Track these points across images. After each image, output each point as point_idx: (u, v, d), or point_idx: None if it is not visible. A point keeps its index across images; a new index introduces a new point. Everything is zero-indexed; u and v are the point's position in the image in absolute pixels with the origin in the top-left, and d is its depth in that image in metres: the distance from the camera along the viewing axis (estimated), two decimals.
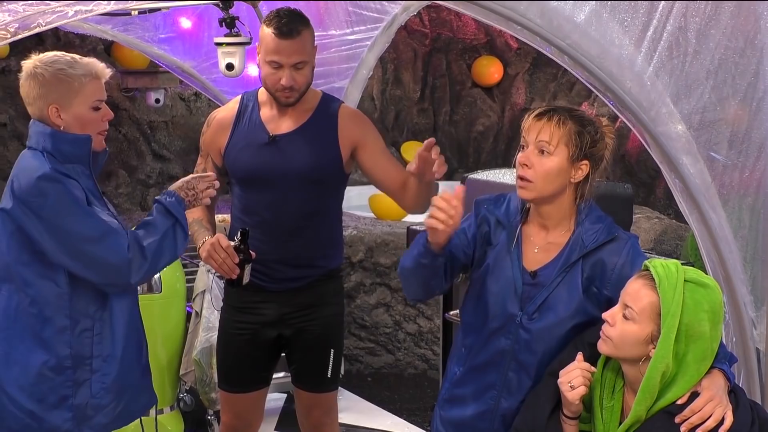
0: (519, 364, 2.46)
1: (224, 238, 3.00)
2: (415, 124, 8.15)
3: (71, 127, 2.68)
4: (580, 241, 2.41)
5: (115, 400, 2.79)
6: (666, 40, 2.23)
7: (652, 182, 7.57)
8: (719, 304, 2.13)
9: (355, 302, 5.84)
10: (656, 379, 2.10)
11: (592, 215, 2.43)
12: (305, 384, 3.38)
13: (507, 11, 2.13)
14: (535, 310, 2.42)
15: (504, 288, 2.46)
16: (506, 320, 2.45)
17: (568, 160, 2.37)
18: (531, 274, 2.44)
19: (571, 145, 2.36)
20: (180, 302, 4.73)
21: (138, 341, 2.87)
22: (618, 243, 2.40)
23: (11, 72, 6.47)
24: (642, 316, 2.12)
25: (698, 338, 2.10)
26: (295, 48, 3.04)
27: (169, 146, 7.13)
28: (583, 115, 2.41)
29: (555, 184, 2.38)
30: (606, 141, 2.42)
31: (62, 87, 2.65)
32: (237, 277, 3.02)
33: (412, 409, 5.28)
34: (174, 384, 4.73)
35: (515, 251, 2.47)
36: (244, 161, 3.19)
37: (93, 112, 2.71)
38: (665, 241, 6.25)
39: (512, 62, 8.19)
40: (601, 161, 2.42)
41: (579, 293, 2.39)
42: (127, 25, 4.61)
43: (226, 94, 4.86)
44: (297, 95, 3.13)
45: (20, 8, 1.84)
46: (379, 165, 3.21)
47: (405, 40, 8.04)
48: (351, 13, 4.46)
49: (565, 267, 2.41)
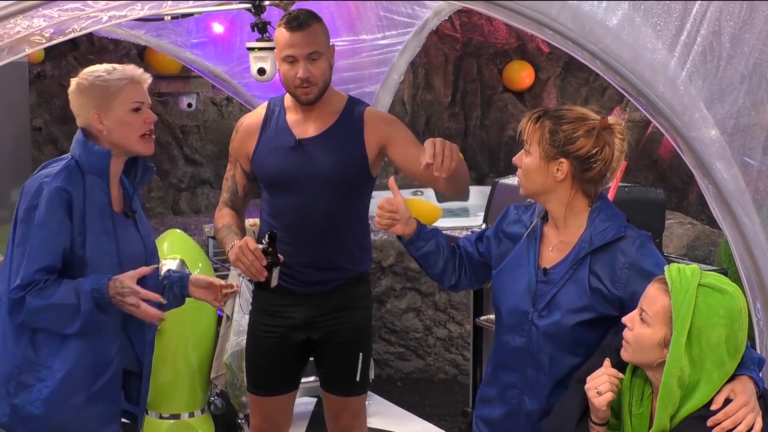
0: (535, 362, 2.49)
1: (252, 241, 3.00)
2: (446, 128, 8.14)
3: (113, 132, 2.71)
4: (589, 239, 2.45)
5: (47, 416, 2.69)
6: (700, 45, 2.21)
7: (684, 187, 7.51)
8: (738, 310, 2.11)
9: (385, 307, 5.85)
10: (672, 384, 2.09)
11: (603, 214, 2.47)
12: (334, 388, 3.38)
13: (539, 15, 2.13)
14: (544, 307, 2.47)
15: (519, 286, 2.53)
16: (520, 318, 2.51)
17: (542, 159, 2.44)
18: (543, 272, 2.50)
19: (543, 143, 2.43)
20: (211, 306, 4.75)
21: (93, 366, 2.73)
22: (626, 241, 2.42)
23: (46, 77, 6.54)
24: (656, 319, 2.13)
25: (714, 343, 2.08)
26: (307, 39, 3.07)
27: (200, 150, 7.17)
28: (564, 115, 2.44)
29: (536, 181, 2.46)
30: (603, 139, 2.41)
31: (100, 92, 2.70)
32: (265, 280, 3.03)
33: (442, 415, 5.27)
34: (205, 387, 4.75)
35: (532, 250, 2.53)
36: (270, 165, 3.21)
37: (133, 114, 2.73)
38: (698, 247, 6.20)
39: (544, 67, 8.17)
40: (591, 160, 2.42)
41: (585, 290, 2.42)
42: (160, 30, 4.65)
43: (257, 98, 4.89)
44: (316, 91, 3.13)
45: (55, 14, 1.86)
46: (412, 156, 3.15)
47: (436, 44, 8.04)
48: (382, 17, 4.47)
49: (573, 264, 2.45)
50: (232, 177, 3.34)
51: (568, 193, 2.47)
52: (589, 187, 2.47)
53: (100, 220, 2.69)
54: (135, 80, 2.73)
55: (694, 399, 2.10)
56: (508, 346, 2.55)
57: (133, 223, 2.83)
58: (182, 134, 7.10)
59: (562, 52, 5.24)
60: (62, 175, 2.65)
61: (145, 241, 2.86)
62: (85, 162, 2.69)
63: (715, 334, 2.08)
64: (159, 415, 4.66)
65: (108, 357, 2.76)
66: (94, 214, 2.68)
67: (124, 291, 2.62)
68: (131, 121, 2.72)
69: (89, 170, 2.69)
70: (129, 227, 2.81)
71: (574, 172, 2.43)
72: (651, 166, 7.68)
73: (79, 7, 1.87)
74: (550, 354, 2.46)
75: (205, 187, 7.07)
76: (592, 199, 2.48)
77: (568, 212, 2.48)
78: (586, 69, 3.01)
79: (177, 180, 7.02)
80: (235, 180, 3.34)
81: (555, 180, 2.45)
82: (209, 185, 7.09)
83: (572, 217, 2.49)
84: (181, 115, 7.03)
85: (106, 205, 2.72)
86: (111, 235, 2.71)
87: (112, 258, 2.71)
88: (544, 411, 2.47)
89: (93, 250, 2.67)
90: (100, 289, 2.60)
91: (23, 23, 1.86)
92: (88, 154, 2.69)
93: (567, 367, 2.45)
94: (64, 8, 1.86)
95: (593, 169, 2.43)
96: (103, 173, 2.70)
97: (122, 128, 2.71)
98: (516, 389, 2.53)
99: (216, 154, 7.13)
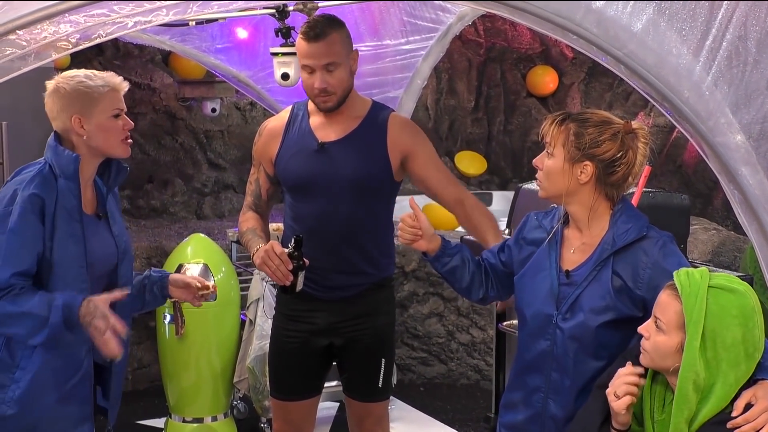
0: (559, 365, 2.50)
1: (278, 245, 3.01)
2: (469, 133, 8.13)
3: (94, 137, 2.77)
4: (611, 240, 2.46)
5: (21, 416, 2.71)
6: (725, 50, 2.20)
7: (709, 193, 7.46)
8: (751, 308, 2.11)
9: (408, 312, 5.84)
10: (688, 388, 2.08)
11: (625, 215, 2.48)
12: (356, 393, 3.38)
13: (563, 20, 2.12)
14: (567, 309, 2.48)
15: (542, 289, 2.53)
16: (544, 321, 2.52)
17: (566, 161, 2.45)
18: (566, 274, 2.51)
19: (568, 145, 2.44)
20: (234, 310, 4.77)
21: (63, 367, 2.76)
22: (648, 241, 2.44)
23: None
24: (670, 326, 2.13)
25: (730, 344, 2.08)
26: (324, 50, 3.08)
27: (224, 155, 7.20)
28: (589, 118, 2.47)
29: (559, 183, 2.47)
30: (626, 144, 2.44)
31: (83, 98, 2.75)
32: (290, 284, 3.04)
33: (465, 420, 5.26)
34: (227, 391, 4.76)
35: (554, 253, 2.54)
36: (293, 168, 3.22)
37: (113, 120, 2.79)
38: (723, 253, 6.16)
39: (567, 72, 8.15)
40: (616, 164, 2.44)
41: (609, 291, 2.43)
42: (184, 35, 4.68)
43: (281, 103, 4.90)
44: (335, 99, 3.15)
45: (81, 19, 1.87)
46: (431, 177, 3.22)
47: (459, 49, 8.04)
48: (406, 22, 4.48)
49: (596, 266, 2.46)
50: (256, 180, 3.36)
51: (590, 196, 2.48)
52: (612, 190, 2.48)
53: (68, 223, 2.73)
54: (115, 88, 2.80)
55: (711, 403, 2.09)
56: (533, 349, 2.55)
57: (106, 224, 2.88)
58: (206, 139, 7.13)
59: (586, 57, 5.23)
60: (36, 181, 2.70)
61: (117, 241, 2.90)
62: (56, 166, 2.74)
63: (730, 335, 2.08)
64: (182, 418, 4.68)
65: (78, 358, 2.79)
66: (63, 217, 2.72)
67: (96, 313, 2.64)
68: (112, 127, 2.79)
69: (60, 174, 2.74)
70: (100, 228, 2.85)
71: (598, 175, 2.45)
72: (675, 171, 7.64)
73: (105, 12, 1.88)
74: (575, 357, 2.47)
75: (228, 192, 7.10)
76: (613, 202, 2.50)
77: (591, 215, 2.50)
78: (611, 74, 3.00)
79: (201, 184, 7.05)
80: (259, 183, 3.35)
81: (578, 182, 2.46)
82: (233, 190, 7.11)
83: (595, 220, 2.50)
84: (205, 120, 7.07)
85: (75, 208, 2.75)
86: (79, 238, 2.75)
87: (79, 261, 2.74)
88: (568, 417, 2.46)
89: (59, 253, 2.71)
90: (71, 306, 2.63)
91: (50, 29, 1.88)
92: (58, 159, 2.74)
93: (591, 371, 2.45)
94: (90, 14, 1.87)
95: (617, 173, 2.45)
96: (73, 177, 2.74)
97: (103, 133, 2.77)
98: (541, 393, 2.53)
99: (239, 159, 7.15)
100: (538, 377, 2.54)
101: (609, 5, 2.09)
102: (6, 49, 1.88)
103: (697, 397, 2.09)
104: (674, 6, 2.15)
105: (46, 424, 2.75)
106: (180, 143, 7.03)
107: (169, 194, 6.88)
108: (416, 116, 7.12)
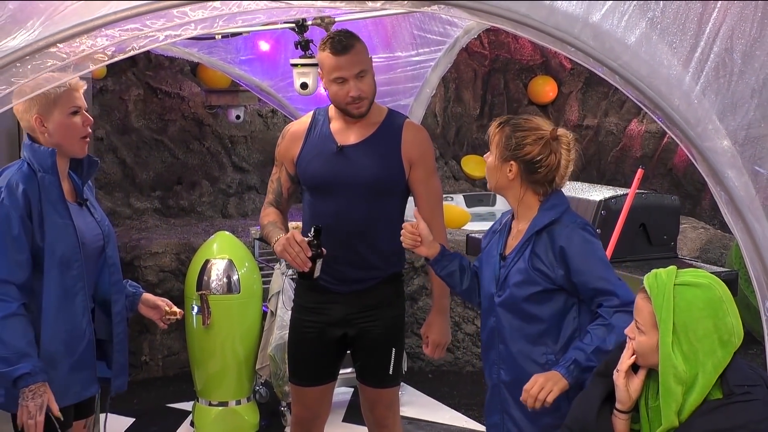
0: (501, 337, 2.66)
1: (299, 234, 3.05)
2: (474, 139, 8.13)
3: (55, 134, 2.78)
4: (533, 225, 2.62)
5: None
6: (713, 61, 2.20)
7: (698, 194, 7.44)
8: (718, 298, 2.11)
9: (417, 304, 5.84)
10: (669, 382, 2.08)
11: (549, 204, 2.64)
12: (368, 380, 3.39)
13: (562, 34, 2.12)
14: (500, 287, 2.65)
15: (489, 273, 2.72)
16: (489, 301, 2.70)
17: (497, 159, 2.65)
18: (503, 258, 2.68)
19: (500, 146, 2.64)
20: (257, 302, 4.78)
21: (68, 339, 2.80)
22: (559, 226, 2.60)
23: (108, 91, 6.62)
24: (647, 326, 2.14)
25: (702, 335, 2.07)
26: (354, 60, 3.10)
27: (248, 159, 7.21)
28: (521, 124, 2.64)
29: (494, 179, 2.68)
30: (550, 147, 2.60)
31: (41, 99, 2.76)
32: (309, 270, 3.05)
33: (470, 404, 5.26)
34: (250, 377, 4.78)
35: (501, 242, 2.72)
36: (314, 169, 3.23)
37: (72, 117, 2.80)
38: (710, 250, 6.14)
39: (566, 81, 8.13)
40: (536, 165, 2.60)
41: (527, 268, 2.58)
42: (211, 48, 4.69)
43: (300, 110, 4.91)
44: (367, 104, 3.17)
45: (116, 33, 1.88)
46: (418, 191, 3.26)
47: (466, 60, 8.03)
48: (416, 36, 4.47)
49: (521, 247, 2.62)
50: (278, 180, 3.37)
51: (518, 191, 2.65)
52: (537, 187, 2.65)
53: (56, 212, 2.76)
54: (71, 87, 2.80)
55: (696, 392, 2.08)
56: (486, 327, 2.72)
57: (87, 210, 2.92)
58: (231, 144, 7.15)
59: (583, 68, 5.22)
60: (18, 178, 2.71)
61: (100, 225, 2.93)
62: (34, 162, 2.76)
63: (701, 327, 2.08)
64: (208, 402, 4.70)
65: (81, 328, 2.82)
66: (50, 207, 2.75)
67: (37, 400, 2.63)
68: (70, 125, 2.80)
69: (39, 169, 2.75)
70: (84, 214, 2.89)
71: (521, 173, 2.62)
72: (666, 174, 7.62)
73: (138, 27, 1.89)
74: (509, 326, 2.63)
75: (251, 193, 7.11)
76: (542, 195, 2.65)
77: (521, 205, 2.67)
78: (606, 83, 3.01)
79: (226, 186, 7.06)
80: (281, 182, 3.36)
81: (507, 179, 2.64)
82: (255, 191, 7.12)
83: (526, 210, 2.67)
84: (230, 126, 7.08)
85: (59, 197, 2.78)
86: (67, 221, 2.78)
87: (71, 240, 2.78)
88: (513, 380, 2.62)
89: (51, 237, 2.74)
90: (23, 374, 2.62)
91: (88, 42, 1.89)
92: (35, 155, 2.76)
93: (525, 337, 2.61)
94: (124, 29, 1.88)
95: (539, 173, 2.62)
96: (52, 170, 2.76)
97: (62, 130, 2.79)
98: (495, 365, 2.70)
99: (262, 162, 7.16)
100: (493, 352, 2.70)
101: (605, 20, 2.09)
102: (48, 61, 1.89)
103: (682, 389, 2.08)
104: (665, 20, 2.15)
105: (62, 392, 2.77)
106: (207, 148, 7.04)
107: (197, 195, 6.89)
108: (425, 123, 7.11)
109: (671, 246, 4.34)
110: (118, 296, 2.95)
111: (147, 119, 6.83)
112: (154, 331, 5.70)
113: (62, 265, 2.76)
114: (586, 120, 8.01)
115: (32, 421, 2.64)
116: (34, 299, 2.74)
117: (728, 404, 2.06)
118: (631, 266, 4.03)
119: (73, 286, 2.79)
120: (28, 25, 1.84)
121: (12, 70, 1.86)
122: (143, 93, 6.78)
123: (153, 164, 6.78)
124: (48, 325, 2.74)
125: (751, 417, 2.04)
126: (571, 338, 2.59)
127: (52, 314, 2.75)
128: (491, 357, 2.71)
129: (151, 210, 6.70)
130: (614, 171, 7.86)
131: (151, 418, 5.05)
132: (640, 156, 7.69)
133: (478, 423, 4.96)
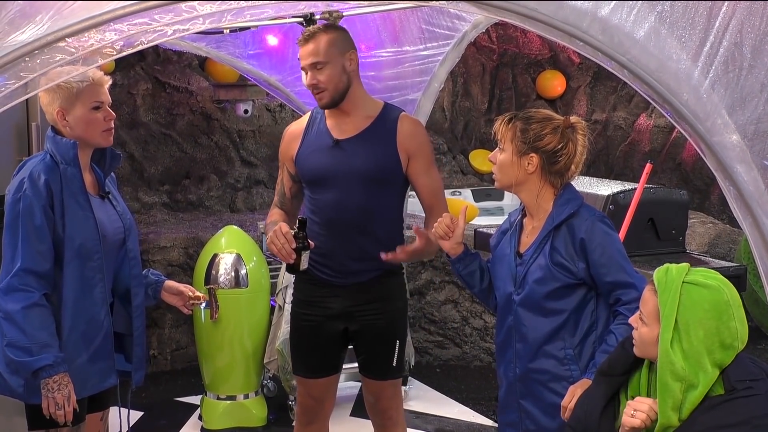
0: (520, 335, 2.67)
1: (285, 225, 3.06)
2: (482, 133, 8.12)
3: (76, 128, 2.81)
4: (551, 219, 2.62)
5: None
6: (722, 55, 2.19)
7: (707, 189, 7.42)
8: (725, 302, 2.10)
9: (425, 299, 5.85)
10: (666, 377, 2.07)
11: (564, 198, 2.65)
12: (372, 373, 3.40)
13: (570, 28, 2.12)
14: (519, 285, 2.65)
15: (504, 272, 2.72)
16: (507, 299, 2.70)
17: (515, 154, 2.62)
18: (519, 255, 2.68)
19: (516, 141, 2.62)
20: (265, 296, 4.79)
21: (86, 329, 2.83)
22: (578, 219, 2.60)
23: (116, 85, 6.62)
24: (650, 318, 2.15)
25: (703, 336, 2.07)
26: (309, 50, 3.18)
27: (256, 153, 7.22)
28: (533, 116, 2.65)
29: (511, 175, 2.65)
30: (567, 136, 2.62)
31: (64, 93, 2.78)
32: (294, 262, 3.06)
33: (477, 399, 5.27)
34: (258, 371, 4.79)
35: (513, 240, 2.72)
36: (311, 164, 3.27)
37: (93, 112, 2.81)
38: (719, 245, 6.13)
39: (574, 76, 8.11)
40: (558, 154, 2.62)
41: (548, 264, 2.59)
42: (219, 42, 4.69)
43: (308, 105, 4.91)
44: (328, 96, 3.20)
45: (125, 28, 1.89)
46: (419, 183, 3.28)
47: (474, 55, 8.02)
48: (424, 30, 4.47)
49: (540, 243, 2.62)
50: (281, 181, 3.42)
51: (537, 184, 2.65)
52: (556, 178, 2.65)
53: (77, 203, 2.78)
54: (94, 81, 2.82)
55: (697, 391, 2.08)
56: (503, 326, 2.71)
57: (110, 203, 2.93)
58: (239, 138, 7.16)
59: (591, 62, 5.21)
60: (41, 169, 2.73)
61: (122, 218, 2.95)
62: (57, 154, 2.78)
63: (702, 328, 2.07)
64: (217, 396, 4.71)
65: (98, 319, 2.85)
66: (71, 198, 2.77)
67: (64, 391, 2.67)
68: (92, 120, 2.82)
69: (62, 160, 2.77)
70: (106, 207, 2.91)
71: (543, 165, 2.62)
72: (675, 168, 7.60)
73: (146, 21, 1.89)
74: (528, 326, 2.64)
75: (259, 187, 7.12)
76: (557, 189, 2.66)
77: (538, 200, 2.66)
78: (615, 78, 3.01)
79: (234, 180, 7.07)
80: (283, 183, 3.40)
81: (526, 172, 2.63)
82: (263, 185, 7.13)
83: (541, 205, 2.66)
84: (238, 120, 7.09)
85: (80, 189, 2.80)
86: (88, 213, 2.80)
87: (92, 233, 2.80)
88: (522, 374, 2.66)
89: (72, 228, 2.75)
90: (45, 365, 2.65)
91: (96, 36, 1.89)
92: (58, 147, 2.78)
93: (542, 333, 2.62)
94: (133, 23, 1.88)
95: (559, 162, 2.62)
96: (74, 162, 2.78)
97: (84, 125, 2.81)
98: (512, 363, 2.70)
99: (270, 157, 7.17)
100: (510, 350, 2.69)
101: (614, 14, 2.09)
102: (56, 56, 1.89)
103: (681, 386, 2.07)
104: (674, 14, 2.14)
105: (81, 382, 2.79)
106: (215, 142, 7.05)
107: (205, 189, 6.90)
108: (433, 117, 7.11)
109: (680, 241, 4.33)
110: (138, 289, 2.97)
111: (155, 114, 6.84)
112: (163, 325, 5.72)
113: (82, 257, 2.78)
114: (594, 114, 8.00)
115: (61, 412, 2.68)
116: (55, 290, 2.77)
117: (730, 400, 2.05)
118: (639, 261, 4.02)
119: (92, 277, 2.82)
120: (37, 20, 1.85)
121: (21, 65, 1.87)
122: (151, 87, 6.79)
123: (161, 159, 6.79)
124: (67, 316, 2.77)
125: (753, 412, 2.03)
126: (589, 331, 2.61)
127: (72, 305, 2.78)
128: (508, 355, 2.71)
129: (160, 204, 6.72)
130: (623, 165, 7.84)
131: (160, 411, 5.07)
132: (648, 150, 7.67)
133: (485, 417, 4.97)
